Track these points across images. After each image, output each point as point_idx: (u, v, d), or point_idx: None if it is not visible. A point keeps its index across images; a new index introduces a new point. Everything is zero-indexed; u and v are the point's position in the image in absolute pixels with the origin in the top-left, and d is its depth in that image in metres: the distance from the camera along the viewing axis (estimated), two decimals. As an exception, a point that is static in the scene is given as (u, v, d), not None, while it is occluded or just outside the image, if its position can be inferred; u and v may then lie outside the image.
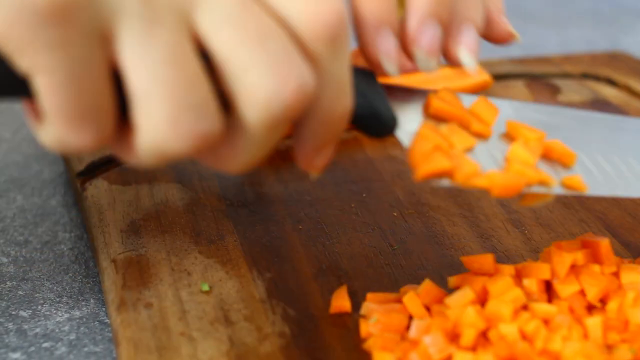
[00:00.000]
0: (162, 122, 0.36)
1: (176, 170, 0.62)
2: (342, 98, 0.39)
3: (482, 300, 0.47)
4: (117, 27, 0.35)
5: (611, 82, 0.79)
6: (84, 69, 0.35)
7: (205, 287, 0.50)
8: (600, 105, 0.75)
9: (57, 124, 0.36)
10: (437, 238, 0.55)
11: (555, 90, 0.78)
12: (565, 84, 0.79)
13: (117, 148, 0.39)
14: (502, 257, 0.53)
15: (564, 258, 0.48)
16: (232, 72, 0.37)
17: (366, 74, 0.44)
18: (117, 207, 0.57)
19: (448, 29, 0.45)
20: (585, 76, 0.81)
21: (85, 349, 0.50)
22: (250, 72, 0.36)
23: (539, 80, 0.80)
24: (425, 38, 0.44)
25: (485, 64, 0.82)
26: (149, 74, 0.35)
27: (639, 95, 0.77)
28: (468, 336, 0.44)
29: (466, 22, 0.45)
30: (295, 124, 0.40)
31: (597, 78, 0.80)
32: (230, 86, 0.37)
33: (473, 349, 0.44)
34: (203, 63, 0.37)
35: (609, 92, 0.78)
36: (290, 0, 0.38)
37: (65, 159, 0.65)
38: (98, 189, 0.59)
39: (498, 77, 0.80)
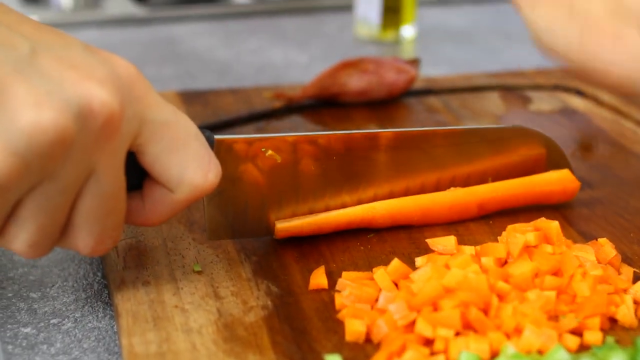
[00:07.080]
0: None
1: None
2: None
3: (444, 276, 0.52)
4: None
5: (580, 93, 0.85)
6: None
7: (197, 268, 0.55)
8: (568, 113, 0.81)
9: None
10: (409, 228, 0.61)
11: (526, 101, 0.84)
12: (536, 95, 0.85)
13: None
14: (467, 242, 0.58)
15: (518, 239, 0.53)
16: None
17: None
18: (118, 201, 0.63)
19: None
20: (556, 87, 0.86)
21: (90, 324, 0.55)
22: None
23: (513, 91, 0.86)
24: None
25: (462, 77, 0.88)
26: None
27: (605, 105, 0.83)
28: (429, 307, 0.49)
29: None
30: None
31: (567, 89, 0.86)
32: None
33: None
34: None
35: (577, 103, 0.84)
36: None
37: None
38: (102, 187, 0.65)
39: (474, 89, 0.86)
